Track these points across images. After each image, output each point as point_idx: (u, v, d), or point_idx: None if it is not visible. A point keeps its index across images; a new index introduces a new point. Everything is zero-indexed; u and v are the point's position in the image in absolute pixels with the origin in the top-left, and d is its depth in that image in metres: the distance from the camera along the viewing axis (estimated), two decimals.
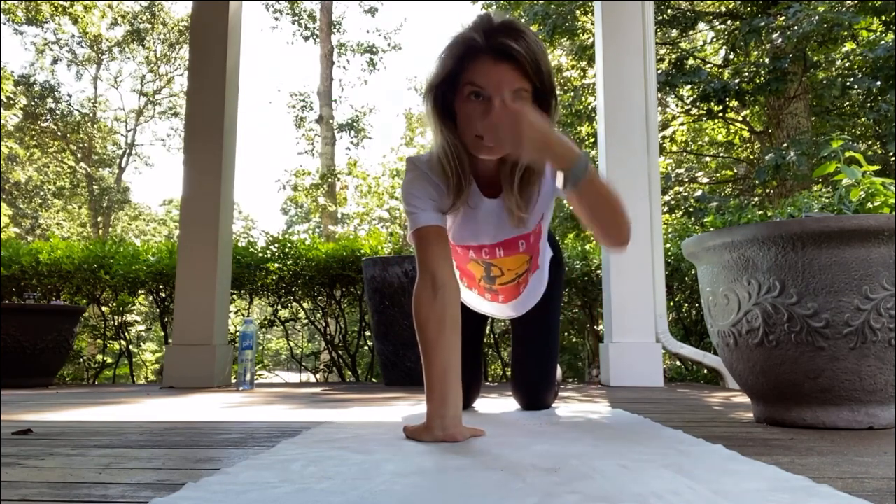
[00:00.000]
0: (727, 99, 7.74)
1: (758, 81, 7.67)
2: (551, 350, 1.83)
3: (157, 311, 4.47)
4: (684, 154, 11.64)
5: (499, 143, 1.17)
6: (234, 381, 3.45)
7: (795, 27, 6.82)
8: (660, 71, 8.09)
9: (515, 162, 1.35)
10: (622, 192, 1.37)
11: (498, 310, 1.82)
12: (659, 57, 8.90)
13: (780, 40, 7.23)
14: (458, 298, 1.35)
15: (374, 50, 16.06)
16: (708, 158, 11.71)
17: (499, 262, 1.61)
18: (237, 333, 3.51)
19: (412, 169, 1.44)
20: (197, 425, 1.59)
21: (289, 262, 4.30)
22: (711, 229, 2.00)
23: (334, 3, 14.65)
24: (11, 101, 15.29)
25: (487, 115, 1.22)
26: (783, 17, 7.08)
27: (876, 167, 1.88)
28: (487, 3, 12.10)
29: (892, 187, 1.73)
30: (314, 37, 15.05)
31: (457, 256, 1.65)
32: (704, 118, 9.57)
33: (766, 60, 7.79)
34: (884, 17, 7.41)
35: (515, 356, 1.89)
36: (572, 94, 9.68)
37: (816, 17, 6.69)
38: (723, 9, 9.82)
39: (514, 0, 9.90)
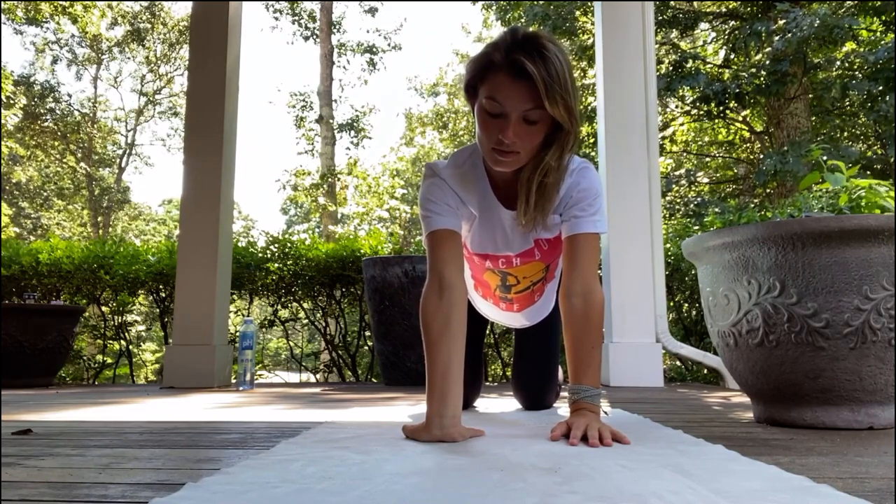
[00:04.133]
0: (727, 100, 7.75)
1: (757, 83, 7.67)
2: (553, 351, 1.84)
3: (157, 311, 4.47)
4: (684, 154, 11.64)
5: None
6: (234, 381, 3.45)
7: (795, 31, 6.82)
8: (659, 74, 8.09)
9: (533, 171, 1.30)
10: (622, 191, 1.38)
11: (511, 318, 1.81)
12: (659, 59, 8.90)
13: (780, 45, 7.22)
14: (465, 300, 1.35)
15: (374, 50, 16.05)
16: (708, 159, 11.71)
17: (515, 270, 1.60)
18: (237, 333, 3.51)
19: (430, 176, 1.43)
20: (197, 425, 1.59)
21: (289, 262, 4.30)
22: (712, 229, 2.00)
23: (334, 3, 14.64)
24: (11, 101, 15.29)
25: (504, 132, 1.21)
26: (784, 21, 7.08)
27: (855, 169, 1.89)
28: (487, 3, 12.10)
29: (880, 187, 1.74)
30: (314, 37, 15.04)
31: (473, 266, 1.64)
32: (704, 118, 9.57)
33: (767, 62, 7.80)
34: (884, 17, 7.41)
35: (518, 356, 1.89)
36: None
37: (817, 22, 6.69)
38: (723, 9, 9.82)
39: (515, 0, 9.90)
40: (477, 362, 1.87)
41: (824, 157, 1.88)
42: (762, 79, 7.67)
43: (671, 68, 8.26)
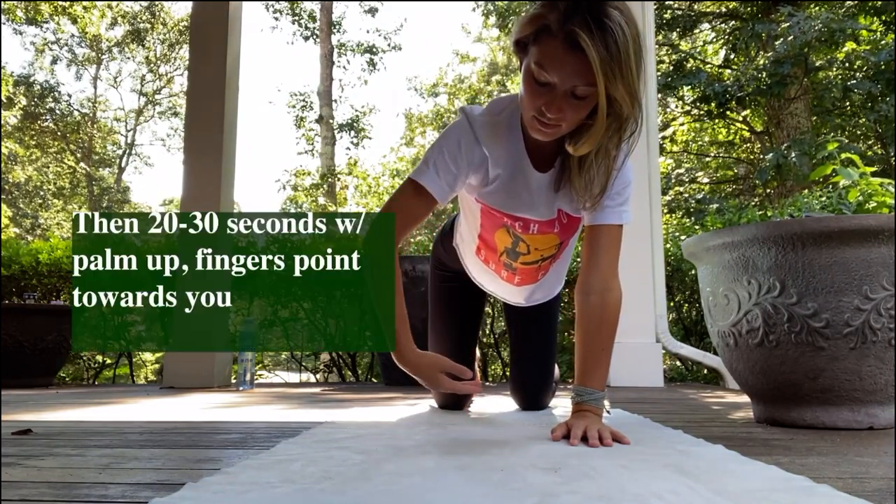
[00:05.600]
0: (727, 101, 7.74)
1: (758, 84, 7.67)
2: (550, 351, 1.83)
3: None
4: (685, 154, 11.64)
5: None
6: (234, 381, 3.45)
7: (800, 36, 6.81)
8: (660, 73, 8.08)
9: (586, 155, 1.23)
10: None
11: (508, 291, 1.71)
12: (659, 59, 8.89)
13: (782, 49, 7.21)
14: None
15: (374, 50, 16.05)
16: (709, 158, 11.71)
17: (529, 238, 1.50)
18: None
19: (459, 123, 1.36)
20: (197, 425, 1.59)
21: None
22: (712, 229, 2.00)
23: (334, 3, 14.65)
24: (11, 101, 15.28)
25: (548, 105, 1.14)
26: (787, 24, 7.07)
27: (873, 168, 1.89)
28: (487, 2, 12.10)
29: (891, 187, 1.74)
30: (314, 37, 15.04)
31: (486, 222, 1.52)
32: (705, 118, 9.57)
33: (767, 63, 7.80)
34: (884, 17, 7.42)
35: (514, 357, 1.88)
36: None
37: (819, 25, 6.69)
38: (723, 9, 9.82)
39: (514, 0, 9.91)
40: (472, 356, 1.85)
41: (838, 150, 1.87)
42: (762, 80, 7.67)
43: (671, 68, 8.26)
